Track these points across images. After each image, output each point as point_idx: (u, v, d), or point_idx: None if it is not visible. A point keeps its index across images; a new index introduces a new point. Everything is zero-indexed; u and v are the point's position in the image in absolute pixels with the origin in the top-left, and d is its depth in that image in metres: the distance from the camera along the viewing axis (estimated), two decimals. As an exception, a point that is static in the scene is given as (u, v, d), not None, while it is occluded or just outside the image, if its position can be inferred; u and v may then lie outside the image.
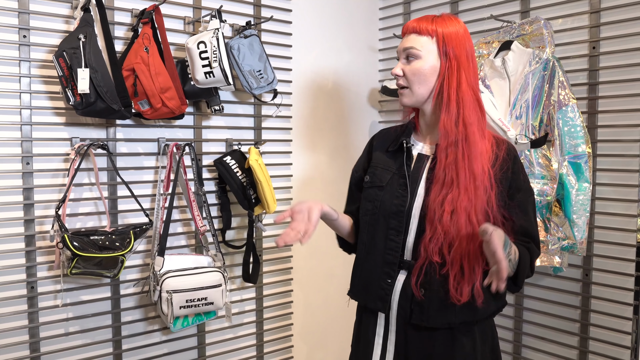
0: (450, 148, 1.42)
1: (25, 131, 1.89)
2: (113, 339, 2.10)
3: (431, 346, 1.46)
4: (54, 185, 1.95)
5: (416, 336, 1.46)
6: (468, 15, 2.51)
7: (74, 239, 1.77)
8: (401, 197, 1.48)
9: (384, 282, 1.49)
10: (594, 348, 2.14)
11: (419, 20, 1.46)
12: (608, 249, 2.09)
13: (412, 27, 1.46)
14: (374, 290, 1.51)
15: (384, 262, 1.49)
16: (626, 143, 2.03)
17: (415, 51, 1.44)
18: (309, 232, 1.39)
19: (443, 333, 1.45)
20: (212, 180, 2.32)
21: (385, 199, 1.51)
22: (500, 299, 1.52)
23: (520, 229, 1.45)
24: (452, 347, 1.45)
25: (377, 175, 1.56)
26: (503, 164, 1.44)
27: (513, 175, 1.46)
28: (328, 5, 2.70)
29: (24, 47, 1.87)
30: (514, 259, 1.38)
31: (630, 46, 2.00)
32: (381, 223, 1.51)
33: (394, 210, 1.48)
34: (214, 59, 1.98)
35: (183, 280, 1.97)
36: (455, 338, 1.45)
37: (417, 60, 1.44)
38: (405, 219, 1.47)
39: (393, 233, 1.48)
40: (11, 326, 1.89)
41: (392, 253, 1.48)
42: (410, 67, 1.45)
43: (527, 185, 1.49)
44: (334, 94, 2.74)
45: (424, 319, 1.44)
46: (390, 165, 1.55)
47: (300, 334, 2.68)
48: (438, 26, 1.44)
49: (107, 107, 1.79)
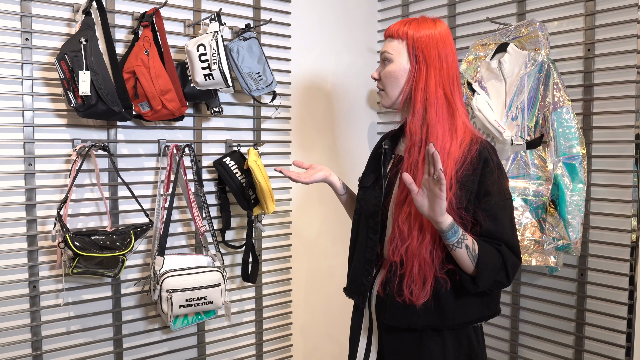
0: (413, 149, 1.44)
1: (27, 133, 1.91)
2: (114, 338, 2.13)
3: (400, 343, 1.50)
4: (55, 186, 1.97)
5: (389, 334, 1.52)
6: (465, 18, 2.54)
7: (76, 239, 1.80)
8: (376, 198, 1.55)
9: (365, 278, 1.56)
10: (589, 347, 2.16)
11: (396, 24, 1.51)
12: (603, 249, 2.11)
13: (388, 32, 1.52)
14: (357, 285, 1.59)
15: (365, 259, 1.57)
16: (621, 144, 2.05)
17: (388, 55, 1.50)
18: (301, 179, 1.64)
19: (410, 334, 1.47)
20: (212, 181, 2.34)
21: (367, 199, 1.59)
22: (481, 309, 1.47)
23: (485, 232, 1.39)
24: (420, 349, 1.47)
25: (365, 177, 1.65)
26: (469, 166, 1.40)
27: (481, 178, 1.40)
28: (327, 7, 2.72)
29: (26, 50, 1.89)
30: (471, 247, 1.35)
31: (625, 48, 2.02)
32: (362, 222, 1.60)
33: (371, 210, 1.56)
34: (213, 61, 2.00)
35: (183, 280, 1.99)
36: (423, 341, 1.46)
37: (390, 63, 1.50)
38: (382, 218, 1.54)
39: (371, 231, 1.55)
40: (13, 325, 1.92)
41: (370, 251, 1.55)
42: (385, 70, 1.51)
43: (498, 189, 1.40)
44: (333, 95, 2.76)
45: (386, 316, 1.48)
46: (374, 167, 1.63)
47: (299, 333, 2.70)
48: (410, 29, 1.46)
49: (108, 109, 1.82)
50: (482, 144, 1.44)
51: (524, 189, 2.08)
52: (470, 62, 2.28)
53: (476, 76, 2.23)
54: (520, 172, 2.11)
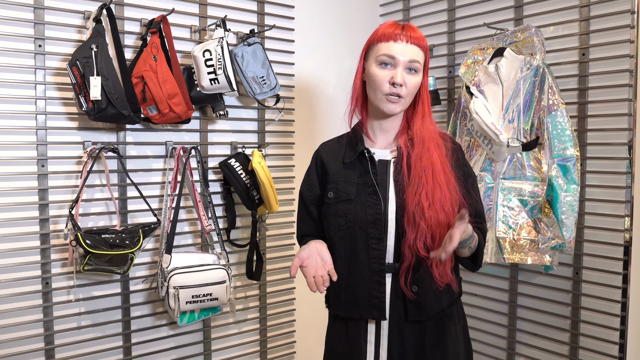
0: (424, 152, 1.49)
1: (40, 135, 1.98)
2: (123, 333, 2.18)
3: (423, 336, 1.50)
4: (67, 186, 2.04)
5: (410, 332, 1.50)
6: (464, 23, 2.59)
7: (87, 237, 1.85)
8: (374, 206, 1.48)
9: (376, 290, 1.49)
10: (584, 344, 2.21)
11: (416, 31, 1.48)
12: (597, 248, 2.16)
13: (416, 39, 1.47)
14: (366, 300, 1.50)
15: (371, 271, 1.49)
16: (615, 146, 2.10)
17: (418, 65, 1.47)
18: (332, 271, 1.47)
19: (433, 321, 1.51)
20: (218, 181, 2.40)
21: (357, 211, 1.49)
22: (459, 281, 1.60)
23: (474, 212, 1.54)
24: (443, 332, 1.52)
25: (341, 189, 1.53)
26: (453, 153, 1.54)
27: (463, 162, 1.57)
28: (329, 12, 2.78)
29: (40, 56, 1.96)
30: (473, 246, 1.47)
31: (619, 53, 2.07)
32: (359, 234, 1.49)
33: (370, 220, 1.48)
34: (218, 66, 2.07)
35: (189, 277, 2.05)
36: (444, 323, 1.52)
37: (417, 74, 1.48)
38: (383, 225, 1.48)
39: (374, 242, 1.48)
40: (27, 320, 1.98)
41: (377, 261, 1.48)
42: (412, 79, 1.47)
43: (472, 171, 1.61)
44: (335, 98, 2.82)
45: (422, 314, 1.48)
46: (352, 177, 1.53)
47: (302, 330, 2.75)
48: (426, 44, 1.51)
49: (117, 112, 1.89)
50: (446, 134, 1.59)
51: (520, 190, 2.13)
52: (468, 66, 2.33)
53: (474, 80, 2.27)
54: (516, 173, 2.15)
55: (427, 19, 2.75)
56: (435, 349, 1.51)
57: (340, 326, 1.59)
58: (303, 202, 1.66)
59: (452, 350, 1.53)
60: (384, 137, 1.57)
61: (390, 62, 1.47)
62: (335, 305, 1.59)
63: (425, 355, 1.51)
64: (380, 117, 1.55)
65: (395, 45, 1.46)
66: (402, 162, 1.49)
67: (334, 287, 1.55)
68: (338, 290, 1.56)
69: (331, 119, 2.80)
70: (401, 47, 1.46)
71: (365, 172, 1.52)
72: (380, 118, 1.55)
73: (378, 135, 1.57)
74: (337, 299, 1.57)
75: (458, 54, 2.61)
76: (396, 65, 1.46)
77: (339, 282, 1.52)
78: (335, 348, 1.63)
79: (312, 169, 1.66)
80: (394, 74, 1.45)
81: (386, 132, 1.56)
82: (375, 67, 1.49)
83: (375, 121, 1.57)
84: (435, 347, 1.51)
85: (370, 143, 1.58)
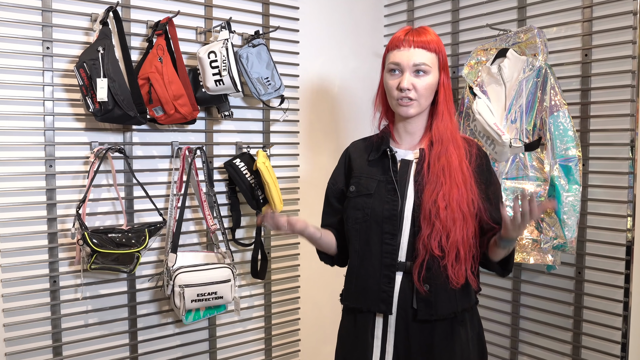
0: (442, 151, 1.53)
1: (48, 136, 2.01)
2: (129, 331, 2.21)
3: (431, 338, 1.52)
4: (74, 186, 2.06)
5: (417, 331, 1.52)
6: (468, 24, 2.60)
7: (93, 237, 1.88)
8: (391, 202, 1.54)
9: (385, 284, 1.53)
10: (586, 343, 2.22)
11: (422, 35, 1.54)
12: (600, 248, 2.16)
13: (420, 42, 1.53)
14: (374, 293, 1.55)
15: (382, 265, 1.54)
16: (617, 147, 2.10)
17: (426, 67, 1.52)
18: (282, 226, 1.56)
19: (443, 324, 1.53)
20: (223, 181, 2.42)
21: (375, 206, 1.56)
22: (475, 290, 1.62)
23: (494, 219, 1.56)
24: (452, 337, 1.53)
25: (363, 184, 1.61)
26: (477, 159, 1.58)
27: (487, 169, 1.61)
28: (334, 13, 2.80)
29: (47, 58, 1.99)
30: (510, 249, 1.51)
31: (621, 54, 2.08)
32: (374, 229, 1.55)
33: (386, 215, 1.54)
34: (223, 67, 2.09)
35: (194, 276, 2.07)
36: (454, 328, 1.54)
37: (427, 75, 1.53)
38: (398, 222, 1.54)
39: (388, 237, 1.54)
40: (35, 317, 2.01)
41: (389, 256, 1.53)
42: (421, 81, 1.52)
43: (496, 179, 1.65)
44: (340, 98, 2.83)
45: (432, 312, 1.51)
46: (374, 174, 1.61)
47: (306, 329, 2.77)
48: (438, 44, 1.55)
49: (123, 113, 1.91)
50: (476, 142, 1.63)
51: (522, 190, 2.14)
52: (472, 67, 2.34)
53: (477, 80, 2.29)
54: (519, 174, 2.17)
55: (431, 20, 2.76)
56: (442, 353, 1.53)
57: (350, 319, 1.65)
58: (326, 195, 1.76)
59: (461, 357, 1.54)
60: (408, 139, 1.64)
61: (397, 69, 1.55)
62: (345, 296, 1.66)
63: (432, 358, 1.53)
64: (402, 119, 1.62)
65: (400, 52, 1.54)
66: (423, 162, 1.56)
67: (347, 278, 1.65)
68: (349, 282, 1.64)
69: (336, 119, 2.82)
70: (404, 53, 1.53)
71: (386, 170, 1.59)
72: (403, 121, 1.62)
73: (403, 137, 1.64)
74: (348, 289, 1.65)
75: (462, 54, 2.62)
76: (403, 71, 1.54)
77: (351, 273, 1.62)
78: (344, 343, 1.67)
79: (340, 165, 1.76)
80: (400, 79, 1.53)
81: (411, 134, 1.63)
82: (386, 75, 1.58)
83: (400, 124, 1.64)
84: (443, 351, 1.53)
85: (396, 144, 1.65)
